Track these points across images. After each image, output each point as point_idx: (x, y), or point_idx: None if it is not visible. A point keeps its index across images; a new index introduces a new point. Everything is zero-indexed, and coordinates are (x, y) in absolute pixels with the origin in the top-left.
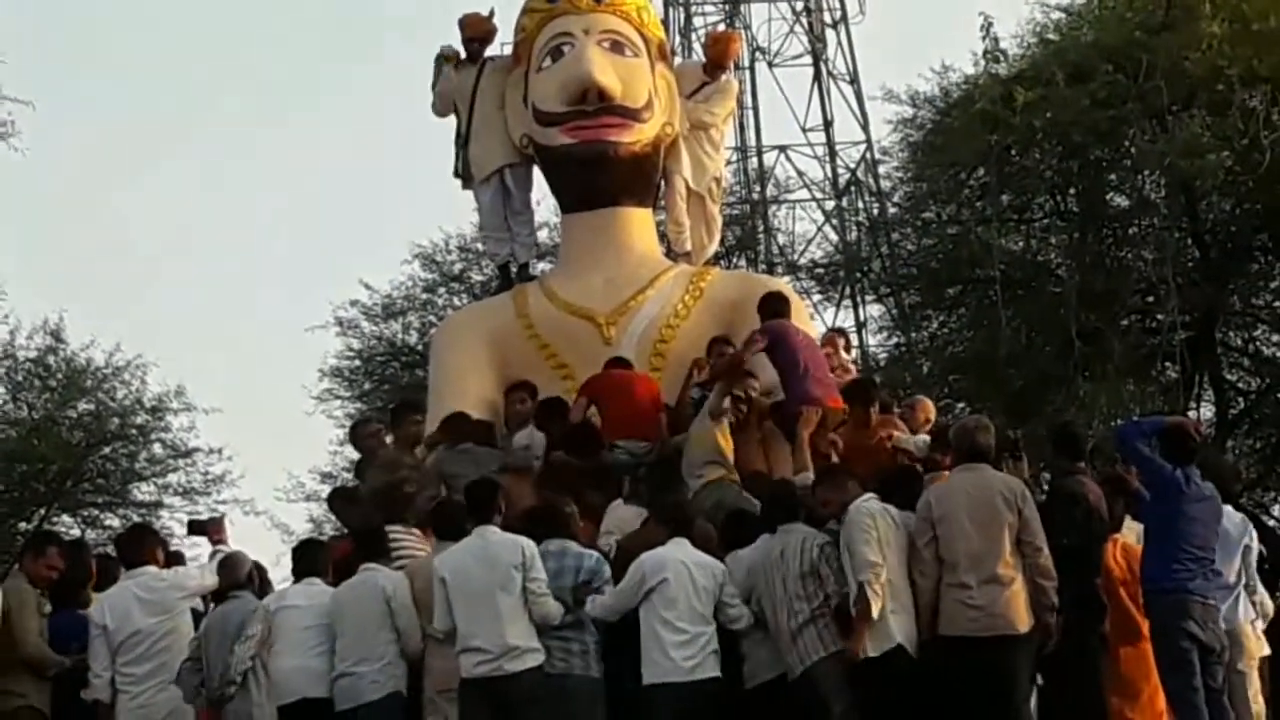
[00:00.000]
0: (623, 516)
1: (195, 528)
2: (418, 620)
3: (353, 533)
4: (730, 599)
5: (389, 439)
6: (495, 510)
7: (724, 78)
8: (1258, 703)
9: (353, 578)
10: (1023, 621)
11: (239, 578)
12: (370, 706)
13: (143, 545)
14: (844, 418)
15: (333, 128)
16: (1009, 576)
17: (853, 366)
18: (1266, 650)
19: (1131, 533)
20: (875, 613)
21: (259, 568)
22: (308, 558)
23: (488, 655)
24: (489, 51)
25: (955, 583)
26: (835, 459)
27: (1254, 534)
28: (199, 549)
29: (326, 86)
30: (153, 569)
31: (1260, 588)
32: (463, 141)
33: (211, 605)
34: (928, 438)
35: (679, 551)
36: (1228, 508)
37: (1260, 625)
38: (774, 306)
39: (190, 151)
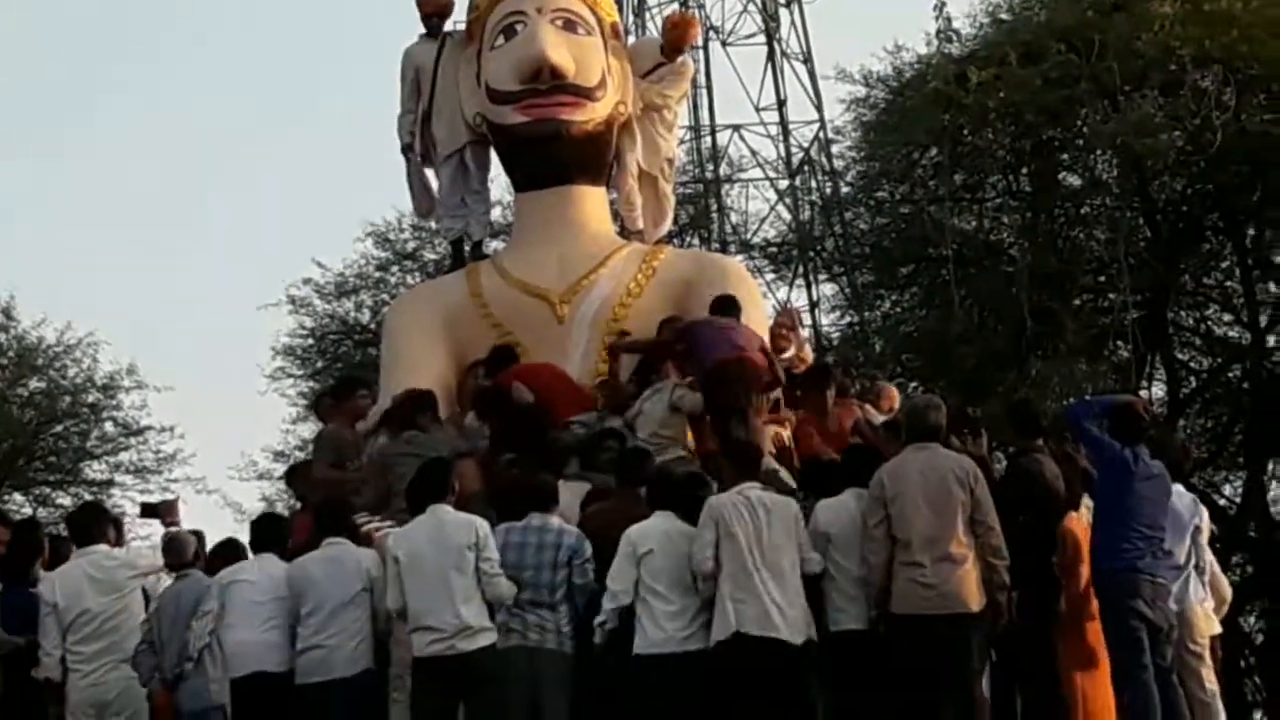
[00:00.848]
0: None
1: (148, 510)
2: None
3: (315, 509)
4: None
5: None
6: (448, 490)
7: (680, 60)
8: (1211, 682)
9: (318, 551)
10: (975, 600)
11: (186, 556)
12: (346, 682)
13: (94, 524)
14: (769, 378)
15: (286, 105)
16: (962, 555)
17: (808, 347)
18: (1217, 629)
19: (1089, 511)
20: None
21: (198, 536)
22: (267, 531)
23: (440, 634)
24: (449, 25)
25: (908, 561)
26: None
27: (1204, 514)
28: (151, 529)
29: (281, 64)
30: (104, 548)
31: (1216, 569)
32: (425, 117)
33: (162, 584)
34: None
35: (664, 523)
36: (1178, 488)
37: (1211, 604)
38: (721, 307)
39: (143, 128)
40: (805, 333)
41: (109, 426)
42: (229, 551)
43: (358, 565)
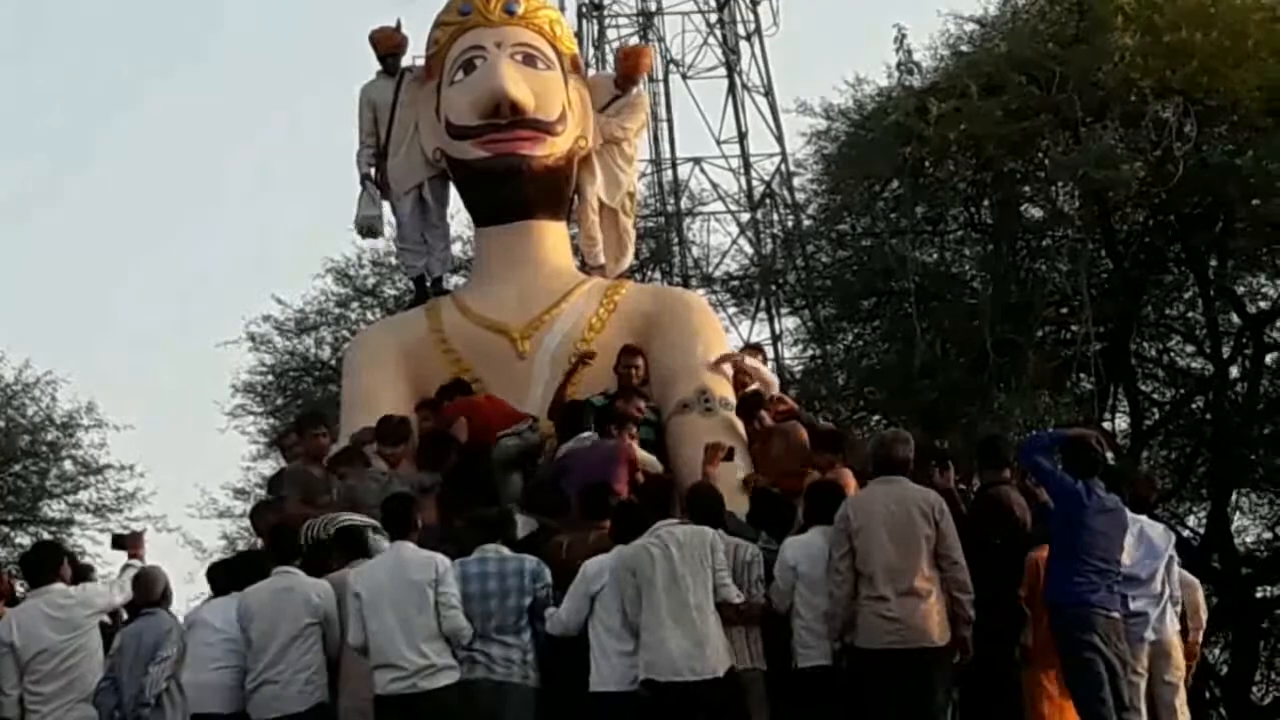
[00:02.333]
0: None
1: (117, 542)
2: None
3: (269, 532)
4: None
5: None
6: (411, 526)
7: (635, 91)
8: (1184, 714)
9: (267, 581)
10: (939, 634)
11: (154, 595)
12: (298, 718)
13: (48, 563)
14: None
15: (245, 141)
16: (926, 590)
17: (773, 379)
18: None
19: None
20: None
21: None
22: (230, 573)
23: (402, 672)
24: (404, 62)
25: (873, 595)
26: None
27: (1174, 543)
28: (112, 566)
29: (240, 99)
30: (59, 586)
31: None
32: (381, 154)
33: (123, 620)
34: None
35: (618, 558)
36: (1148, 520)
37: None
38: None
39: (102, 164)
40: (769, 365)
41: (68, 465)
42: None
43: (306, 598)
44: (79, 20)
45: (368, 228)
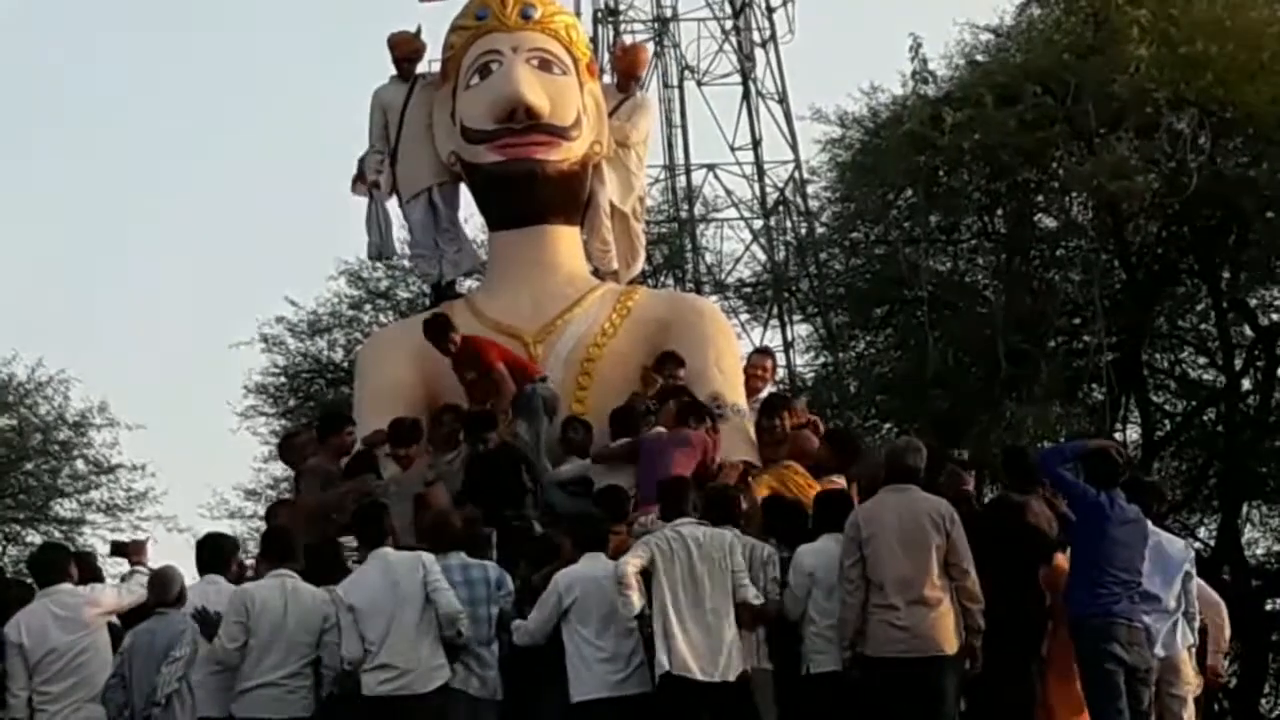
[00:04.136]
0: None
1: (117, 548)
2: None
3: (263, 536)
4: None
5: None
6: (386, 532)
7: (639, 94)
8: None
9: (266, 580)
10: (949, 643)
11: (169, 595)
12: None
13: (55, 563)
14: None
15: (259, 143)
16: (936, 598)
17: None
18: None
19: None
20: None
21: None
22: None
23: (394, 672)
24: (420, 69)
25: (882, 604)
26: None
27: (1193, 559)
28: (121, 568)
29: (255, 99)
30: (67, 586)
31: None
32: (392, 158)
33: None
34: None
35: (591, 568)
36: (1167, 535)
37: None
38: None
39: (116, 165)
40: (780, 372)
41: (80, 464)
42: None
43: (323, 605)
44: (91, 10)
45: (378, 253)
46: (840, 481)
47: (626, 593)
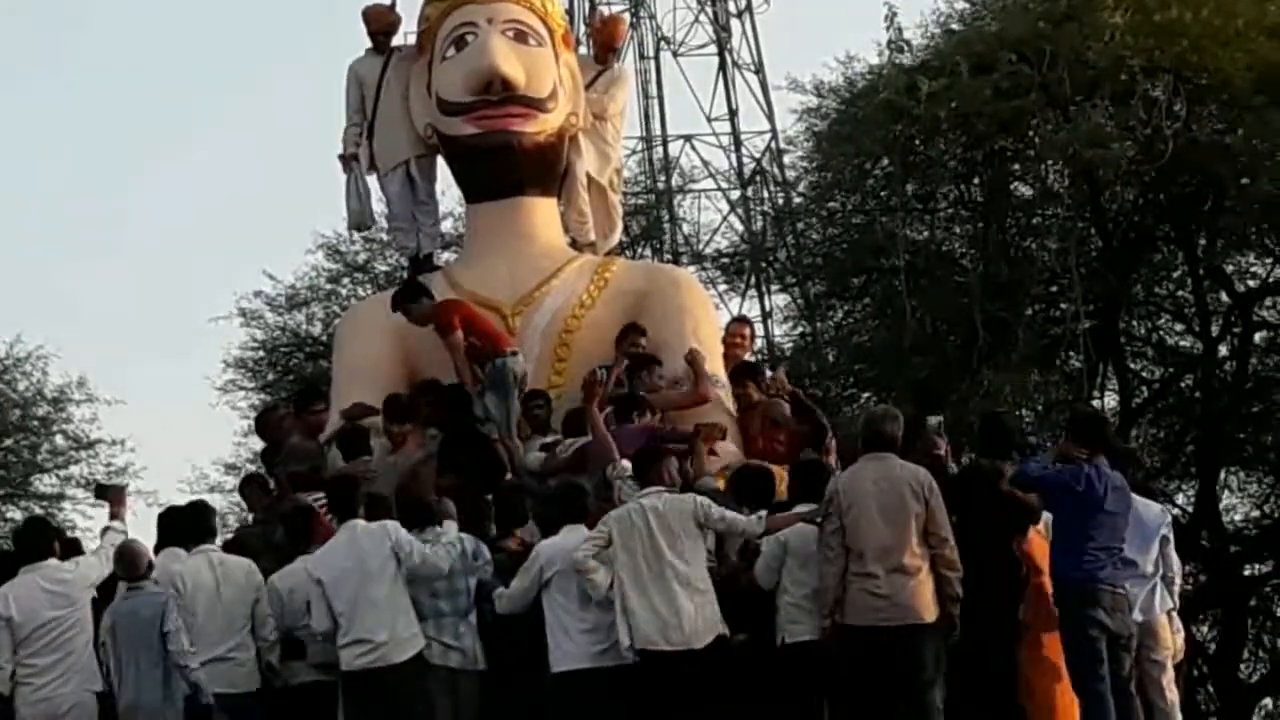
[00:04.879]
0: None
1: (100, 492)
2: None
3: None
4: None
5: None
6: (358, 503)
7: (616, 66)
8: (1171, 691)
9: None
10: (929, 611)
11: (140, 569)
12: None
13: (41, 538)
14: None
15: (235, 115)
16: (915, 566)
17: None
18: (1181, 645)
19: (1047, 526)
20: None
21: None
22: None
23: (368, 646)
24: (395, 41)
25: (861, 572)
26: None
27: (1169, 522)
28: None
29: (231, 76)
30: (54, 561)
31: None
32: (369, 132)
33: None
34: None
35: (572, 539)
36: (1143, 499)
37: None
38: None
39: (93, 140)
40: (758, 342)
41: (59, 440)
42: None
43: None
44: None
45: (358, 223)
46: None
47: (590, 577)
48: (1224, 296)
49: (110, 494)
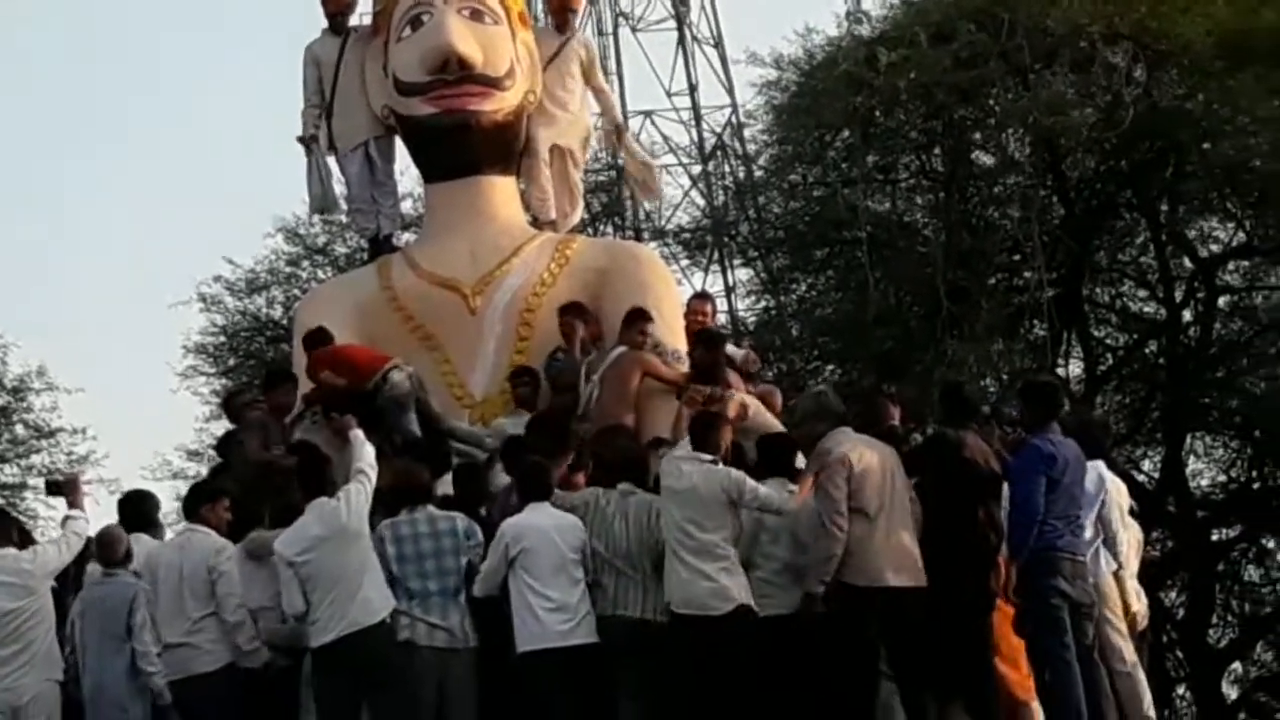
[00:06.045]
0: None
1: (52, 488)
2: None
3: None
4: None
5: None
6: (327, 483)
7: (576, 39)
8: (1130, 653)
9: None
10: (924, 577)
11: (116, 556)
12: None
13: (1, 529)
14: None
15: (192, 99)
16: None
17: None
18: (1141, 607)
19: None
20: None
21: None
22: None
23: (342, 616)
24: (352, 22)
25: (870, 535)
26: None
27: (1121, 487)
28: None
29: (189, 59)
30: (12, 551)
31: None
32: (327, 113)
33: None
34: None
35: (537, 517)
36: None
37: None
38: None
39: (49, 126)
40: (721, 318)
41: (19, 429)
42: None
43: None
44: None
45: (320, 207)
46: None
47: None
48: (1187, 262)
49: (63, 487)
